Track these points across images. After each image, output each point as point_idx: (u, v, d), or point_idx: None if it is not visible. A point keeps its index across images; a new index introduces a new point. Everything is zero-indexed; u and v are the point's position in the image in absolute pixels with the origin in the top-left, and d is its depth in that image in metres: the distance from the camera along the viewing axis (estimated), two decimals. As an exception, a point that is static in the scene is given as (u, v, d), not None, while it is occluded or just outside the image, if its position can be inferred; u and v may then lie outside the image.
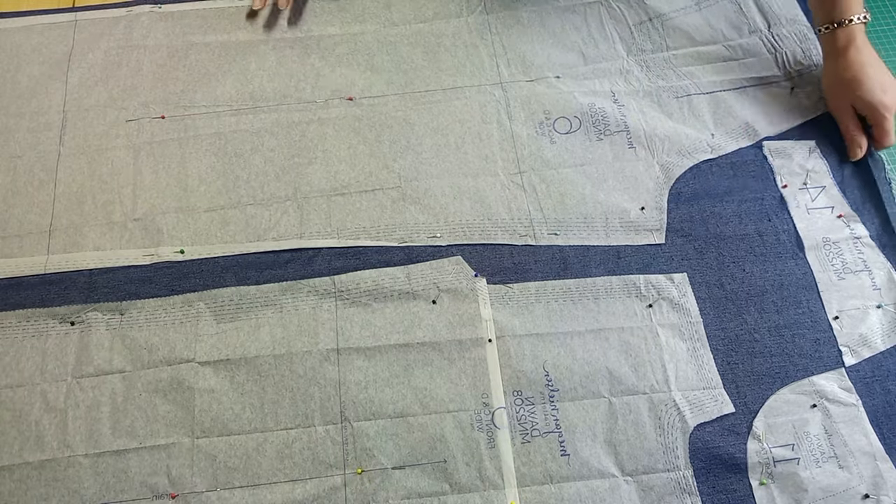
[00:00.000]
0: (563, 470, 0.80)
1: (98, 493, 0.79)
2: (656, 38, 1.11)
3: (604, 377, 0.85)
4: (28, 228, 0.94)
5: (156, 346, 0.86)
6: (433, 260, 0.93)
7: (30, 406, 0.83)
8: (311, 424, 0.82)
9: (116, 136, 1.01)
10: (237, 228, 0.94)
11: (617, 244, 0.94)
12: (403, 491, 0.79)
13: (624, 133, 1.01)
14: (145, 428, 0.82)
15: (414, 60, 1.09)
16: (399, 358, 0.86)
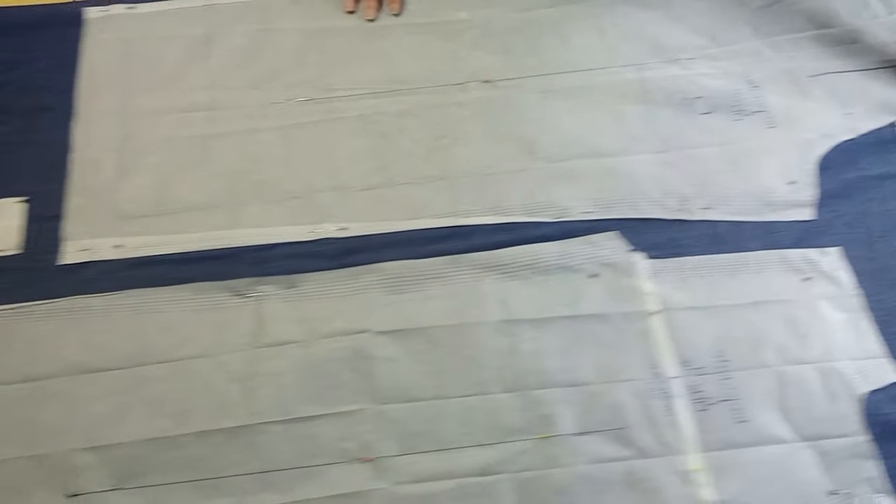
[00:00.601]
0: (741, 436, 0.83)
1: (292, 458, 0.81)
2: (783, 21, 1.13)
3: (770, 348, 0.87)
4: (188, 206, 0.97)
5: (330, 317, 0.88)
6: (588, 235, 0.93)
7: (216, 375, 0.85)
8: (488, 392, 0.85)
9: (263, 118, 1.03)
10: (393, 206, 0.97)
11: (768, 220, 0.96)
12: (587, 456, 0.81)
13: (763, 113, 1.04)
14: (330, 395, 0.84)
15: (546, 43, 1.12)
16: (568, 329, 0.88)
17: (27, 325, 0.87)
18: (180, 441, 0.82)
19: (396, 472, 0.81)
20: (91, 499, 0.79)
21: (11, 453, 0.82)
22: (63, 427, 0.83)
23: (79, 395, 0.85)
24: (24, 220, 0.95)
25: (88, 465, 0.81)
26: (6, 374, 0.84)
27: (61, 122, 1.02)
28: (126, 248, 0.93)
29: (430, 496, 0.80)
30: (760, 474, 0.82)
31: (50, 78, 1.05)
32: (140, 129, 1.00)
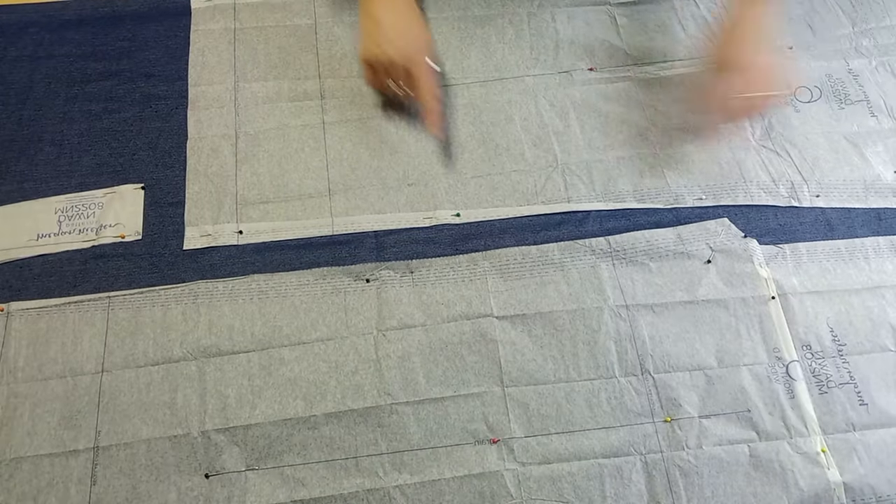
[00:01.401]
0: (864, 418, 0.84)
1: (423, 438, 0.83)
2: (878, 11, 1.13)
3: (888, 331, 0.89)
4: (308, 192, 0.98)
5: (452, 301, 0.90)
6: (701, 221, 0.95)
7: (344, 357, 0.87)
8: (612, 375, 0.86)
9: (373, 107, 1.05)
10: (505, 193, 0.98)
11: (877, 206, 0.97)
12: (714, 438, 0.83)
13: (864, 102, 1.05)
14: (457, 377, 0.86)
15: (646, 34, 1.14)
16: (686, 314, 0.89)
17: (156, 310, 0.89)
18: (313, 421, 0.83)
19: (524, 454, 0.82)
20: (228, 478, 0.81)
21: (150, 433, 0.85)
22: (197, 409, 0.86)
23: (211, 377, 0.88)
24: (142, 206, 0.95)
25: (224, 446, 0.82)
26: (139, 356, 0.86)
27: (174, 110, 1.04)
28: (247, 234, 0.94)
29: (558, 477, 0.81)
30: (884, 456, 0.82)
31: (160, 67, 1.07)
32: (253, 117, 1.02)
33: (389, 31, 0.91)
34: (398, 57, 0.91)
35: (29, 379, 0.84)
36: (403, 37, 0.92)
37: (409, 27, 0.93)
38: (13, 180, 0.97)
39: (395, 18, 0.92)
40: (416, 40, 0.94)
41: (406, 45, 0.92)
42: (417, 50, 0.92)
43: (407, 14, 0.94)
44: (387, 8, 0.92)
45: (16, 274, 0.90)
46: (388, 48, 0.91)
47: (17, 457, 0.80)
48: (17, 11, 1.08)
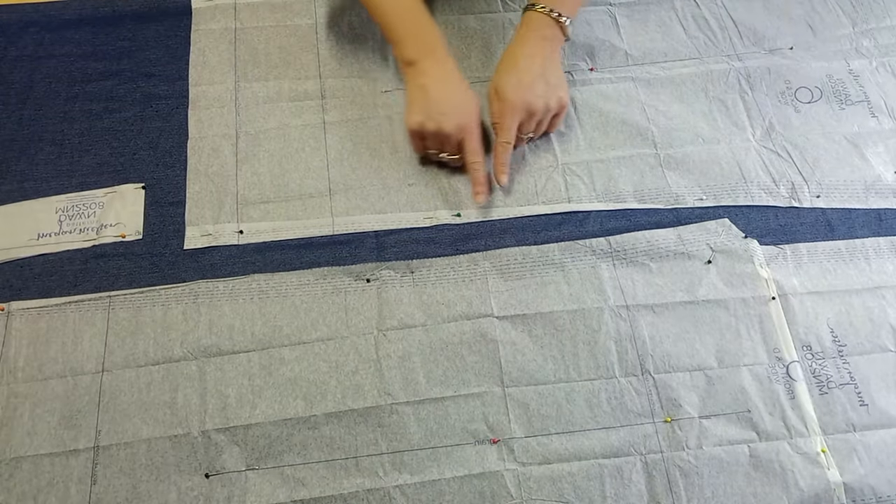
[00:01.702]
0: (865, 419, 0.84)
1: (423, 438, 0.83)
2: (878, 11, 1.13)
3: (888, 332, 0.89)
4: (308, 192, 0.98)
5: (452, 301, 0.90)
6: (701, 222, 0.95)
7: (344, 357, 0.87)
8: (612, 376, 0.86)
9: (374, 107, 1.04)
10: (506, 193, 0.98)
11: (877, 207, 0.97)
12: (714, 438, 0.83)
13: (865, 103, 1.05)
14: (457, 377, 0.86)
15: (647, 34, 1.15)
16: (687, 314, 0.89)
17: (157, 309, 0.89)
18: (313, 421, 0.83)
19: (524, 454, 0.83)
20: (228, 478, 0.81)
21: (150, 433, 0.85)
22: (198, 408, 0.86)
23: (211, 377, 0.88)
24: (142, 206, 0.95)
25: (224, 446, 0.82)
26: (139, 356, 0.87)
27: (174, 109, 1.04)
28: (248, 234, 0.94)
29: (558, 477, 0.81)
30: (885, 456, 0.82)
31: (161, 66, 1.07)
32: (254, 117, 1.02)
33: (442, 104, 0.91)
34: (452, 129, 0.91)
35: (29, 378, 0.84)
36: (457, 108, 0.92)
37: (461, 98, 0.93)
38: (14, 180, 0.97)
39: (446, 91, 0.93)
40: (469, 109, 0.94)
41: (460, 116, 0.92)
42: (471, 119, 0.93)
43: (457, 84, 0.94)
44: (437, 78, 0.92)
45: (16, 273, 0.90)
46: (443, 121, 0.91)
47: (18, 456, 0.80)
48: (17, 11, 1.08)
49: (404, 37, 0.92)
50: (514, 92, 0.92)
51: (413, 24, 0.92)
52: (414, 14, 0.92)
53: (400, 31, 0.92)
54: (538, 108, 0.93)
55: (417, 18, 0.92)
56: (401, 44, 0.93)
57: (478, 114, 0.94)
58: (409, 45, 0.92)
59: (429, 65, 0.92)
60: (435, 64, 0.92)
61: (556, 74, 0.95)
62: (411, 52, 0.92)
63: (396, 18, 0.92)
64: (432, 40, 0.93)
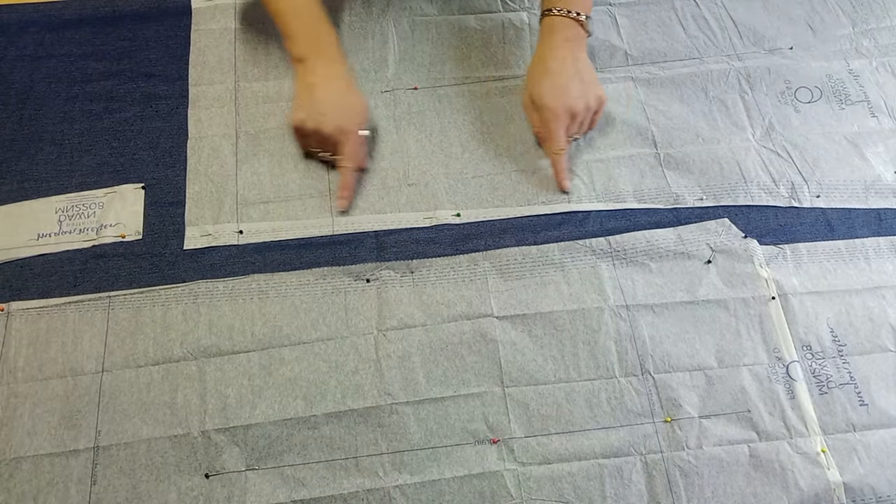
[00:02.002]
0: (864, 419, 0.84)
1: (423, 438, 0.83)
2: (878, 11, 1.13)
3: (888, 332, 0.89)
4: (308, 192, 0.98)
5: (452, 301, 0.90)
6: (701, 221, 0.95)
7: (344, 357, 0.87)
8: (612, 376, 0.86)
9: (375, 107, 1.04)
10: (506, 193, 0.98)
11: (877, 207, 0.97)
12: (714, 438, 0.83)
13: (864, 103, 1.05)
14: (457, 377, 0.86)
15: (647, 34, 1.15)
16: (687, 314, 0.89)
17: (156, 310, 0.89)
18: (313, 421, 0.83)
19: (524, 454, 0.83)
20: (228, 478, 0.81)
21: (150, 433, 0.85)
22: (198, 408, 0.86)
23: (211, 377, 0.88)
24: (142, 206, 0.95)
25: (224, 446, 0.82)
26: (139, 356, 0.87)
27: (174, 109, 1.04)
28: (248, 234, 0.94)
29: (558, 477, 0.81)
30: (884, 456, 0.82)
31: (161, 66, 1.07)
32: (254, 117, 1.02)
33: (324, 105, 0.93)
34: (330, 130, 0.92)
35: (29, 379, 0.84)
36: (337, 110, 0.93)
37: (344, 100, 0.94)
38: (14, 180, 0.97)
39: (330, 92, 0.94)
40: (350, 113, 0.94)
41: (339, 119, 0.93)
42: (350, 122, 0.93)
43: (343, 86, 0.96)
44: (324, 79, 0.94)
45: (16, 273, 0.90)
46: (322, 121, 0.92)
47: (17, 456, 0.80)
48: (17, 11, 1.08)
49: (296, 33, 0.93)
50: (553, 99, 0.93)
51: (306, 21, 0.93)
52: (309, 12, 0.93)
53: (292, 27, 0.93)
54: (579, 110, 0.94)
55: (312, 16, 0.93)
56: (292, 40, 0.94)
57: (361, 118, 0.95)
58: (300, 42, 0.93)
59: (318, 64, 0.93)
60: (324, 63, 0.94)
61: (588, 72, 0.95)
62: (302, 49, 0.93)
63: (290, 15, 0.92)
64: (324, 39, 0.95)
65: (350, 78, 0.96)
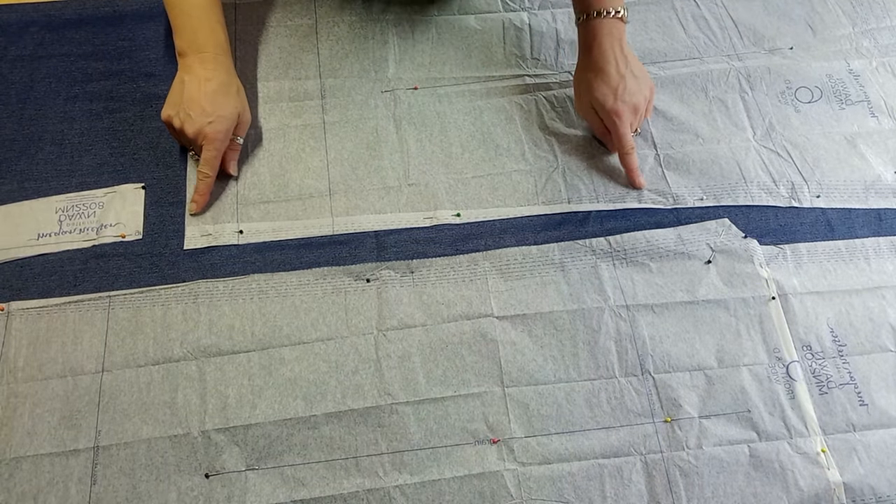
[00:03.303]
0: (864, 419, 0.84)
1: (423, 438, 0.83)
2: (878, 11, 1.13)
3: (888, 332, 0.89)
4: (308, 192, 0.98)
5: (452, 301, 0.90)
6: (701, 222, 0.95)
7: (344, 357, 0.87)
8: (612, 376, 0.86)
9: (375, 107, 1.04)
10: (506, 193, 0.98)
11: (877, 207, 0.97)
12: (714, 438, 0.83)
13: (865, 103, 1.05)
14: (457, 377, 0.86)
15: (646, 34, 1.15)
16: (687, 314, 0.89)
17: (156, 309, 0.89)
18: (313, 421, 0.83)
19: (524, 454, 0.83)
20: (228, 478, 0.81)
21: (150, 433, 0.85)
22: (198, 408, 0.86)
23: (211, 377, 0.88)
24: (142, 205, 0.95)
25: (224, 446, 0.81)
26: (139, 356, 0.87)
27: (174, 110, 1.02)
28: (248, 234, 0.94)
29: (558, 477, 0.81)
30: (884, 456, 0.82)
31: (161, 66, 1.07)
32: (253, 116, 1.01)
33: (191, 105, 0.91)
34: (192, 133, 0.91)
35: (29, 379, 0.84)
36: (203, 113, 0.91)
37: (212, 104, 0.91)
38: (14, 180, 0.97)
39: (200, 93, 0.91)
40: (216, 118, 0.92)
41: (202, 122, 0.91)
42: (213, 128, 0.91)
43: (214, 89, 0.92)
44: (197, 79, 0.92)
45: (16, 273, 0.90)
46: (186, 121, 0.91)
47: (17, 456, 0.80)
48: (17, 11, 1.08)
49: (181, 28, 0.92)
50: (615, 101, 0.93)
51: (194, 18, 0.91)
52: (199, 10, 0.91)
53: (179, 20, 0.92)
54: (640, 105, 0.95)
55: (201, 13, 0.91)
56: (177, 33, 0.92)
57: (228, 124, 0.92)
58: (183, 37, 0.92)
59: (195, 62, 0.91)
60: (201, 63, 0.91)
61: (636, 65, 0.95)
62: (183, 44, 0.92)
63: (178, 9, 0.91)
64: (207, 39, 0.92)
65: (228, 82, 0.93)
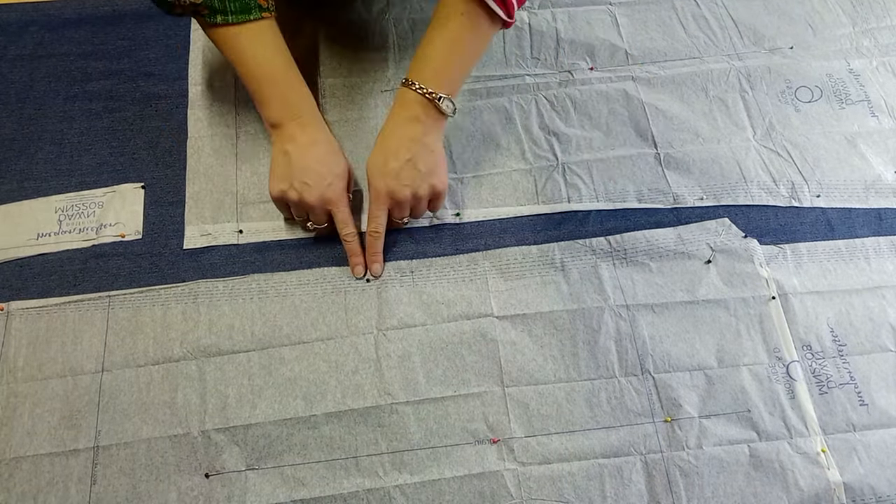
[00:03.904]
0: (864, 419, 0.84)
1: (423, 437, 0.83)
2: (878, 11, 1.13)
3: (888, 332, 0.89)
4: (308, 191, 0.96)
5: (452, 301, 0.90)
6: (701, 221, 0.95)
7: (344, 357, 0.87)
8: (612, 375, 0.86)
9: (375, 107, 1.04)
10: (506, 193, 0.98)
11: (877, 207, 0.97)
12: (714, 438, 0.83)
13: (865, 102, 1.05)
14: (457, 377, 0.86)
15: (647, 33, 1.14)
16: (687, 314, 0.89)
17: (156, 309, 0.89)
18: (313, 421, 0.83)
19: (524, 453, 0.82)
20: (228, 478, 0.80)
21: (150, 433, 0.85)
22: (198, 408, 0.86)
23: (211, 377, 0.88)
24: (142, 205, 0.95)
25: (224, 446, 0.81)
26: (139, 356, 0.87)
27: (174, 108, 1.04)
28: (247, 234, 0.94)
29: (558, 477, 0.81)
30: (884, 456, 0.82)
31: (160, 65, 1.07)
32: (254, 116, 1.02)
33: (306, 174, 0.87)
34: (315, 201, 0.87)
35: (29, 378, 0.84)
36: (321, 179, 0.87)
37: (326, 168, 0.88)
38: (13, 179, 0.96)
39: (311, 159, 0.87)
40: (335, 181, 0.88)
41: (323, 188, 0.87)
42: (335, 191, 0.88)
43: (324, 152, 0.88)
44: (302, 145, 0.87)
45: (16, 273, 0.90)
46: (304, 191, 0.86)
47: (17, 456, 0.80)
48: (17, 10, 1.08)
49: (270, 98, 0.86)
50: (379, 179, 0.86)
51: (281, 85, 0.86)
52: (283, 74, 0.86)
53: (266, 91, 0.85)
54: (404, 198, 0.87)
55: (286, 79, 0.86)
56: (265, 105, 0.86)
57: (345, 182, 0.89)
58: (273, 107, 0.86)
59: (294, 129, 0.87)
60: (301, 128, 0.87)
61: (427, 160, 0.87)
62: (276, 114, 0.86)
63: (263, 79, 0.85)
64: (299, 103, 0.88)
65: (330, 140, 0.90)
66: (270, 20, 0.84)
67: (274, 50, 0.84)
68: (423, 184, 0.87)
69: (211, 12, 0.80)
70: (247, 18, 0.81)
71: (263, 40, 0.83)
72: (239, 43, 0.83)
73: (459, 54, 0.85)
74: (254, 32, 0.83)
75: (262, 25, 0.83)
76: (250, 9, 0.81)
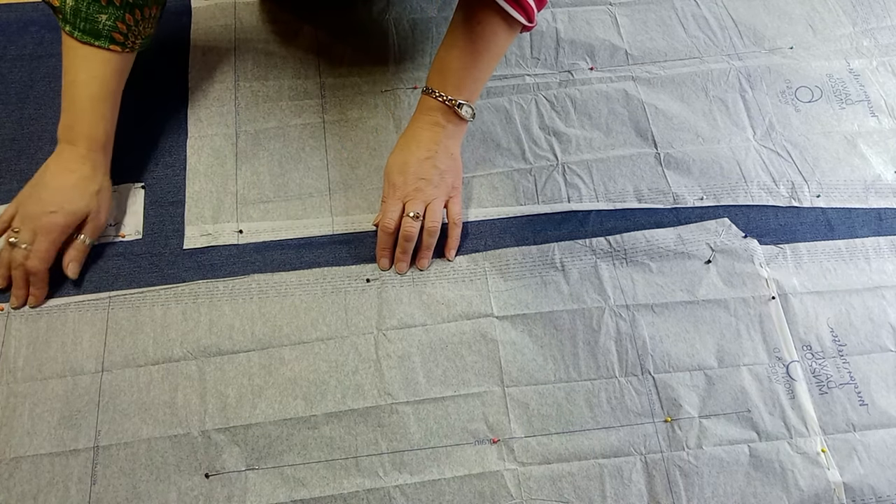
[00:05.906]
0: (864, 419, 0.84)
1: (423, 438, 0.83)
2: (878, 11, 1.13)
3: (888, 332, 0.89)
4: (308, 191, 0.98)
5: (452, 301, 0.90)
6: (701, 221, 0.95)
7: (344, 357, 0.87)
8: (612, 375, 0.86)
9: (374, 106, 1.04)
10: (506, 193, 0.98)
11: (877, 207, 0.97)
12: (714, 438, 0.83)
13: (865, 102, 1.05)
14: (457, 377, 0.86)
15: (647, 33, 1.14)
16: (687, 314, 0.89)
17: (156, 309, 0.89)
18: (313, 421, 0.82)
19: (524, 454, 0.82)
20: (228, 478, 0.80)
21: (150, 433, 0.85)
22: (198, 408, 0.86)
23: (211, 377, 0.87)
24: (142, 205, 0.96)
25: (224, 446, 0.81)
26: (139, 356, 0.86)
27: (174, 108, 1.04)
28: (247, 234, 0.94)
29: (558, 477, 0.81)
30: (884, 456, 0.82)
31: (162, 65, 1.06)
32: (254, 116, 1.02)
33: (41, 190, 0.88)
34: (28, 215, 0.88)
35: (29, 378, 0.84)
36: (47, 204, 0.87)
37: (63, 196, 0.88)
38: (13, 179, 0.96)
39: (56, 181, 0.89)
40: (59, 213, 0.88)
41: (44, 213, 0.87)
42: (51, 221, 0.87)
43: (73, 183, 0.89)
44: (59, 167, 0.89)
45: (16, 273, 0.90)
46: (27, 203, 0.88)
47: (17, 456, 0.80)
48: (17, 10, 1.08)
49: (64, 115, 0.89)
50: (397, 175, 0.89)
51: (78, 111, 0.87)
52: (88, 103, 0.88)
53: (65, 108, 0.89)
54: (418, 189, 0.89)
55: (88, 108, 0.88)
56: (61, 119, 0.89)
57: (70, 222, 0.88)
58: (62, 125, 0.88)
59: (64, 151, 0.88)
60: (70, 153, 0.89)
61: (446, 161, 0.90)
62: (60, 131, 0.89)
63: (68, 97, 0.88)
64: (86, 133, 0.89)
65: (90, 179, 0.89)
66: (117, 55, 0.87)
67: (94, 80, 0.87)
68: (440, 181, 0.89)
69: (62, 19, 0.82)
70: (90, 42, 0.84)
71: (90, 67, 0.86)
72: (71, 56, 0.86)
73: (478, 60, 0.87)
74: (88, 57, 0.86)
75: (102, 55, 0.86)
76: (100, 36, 0.84)
